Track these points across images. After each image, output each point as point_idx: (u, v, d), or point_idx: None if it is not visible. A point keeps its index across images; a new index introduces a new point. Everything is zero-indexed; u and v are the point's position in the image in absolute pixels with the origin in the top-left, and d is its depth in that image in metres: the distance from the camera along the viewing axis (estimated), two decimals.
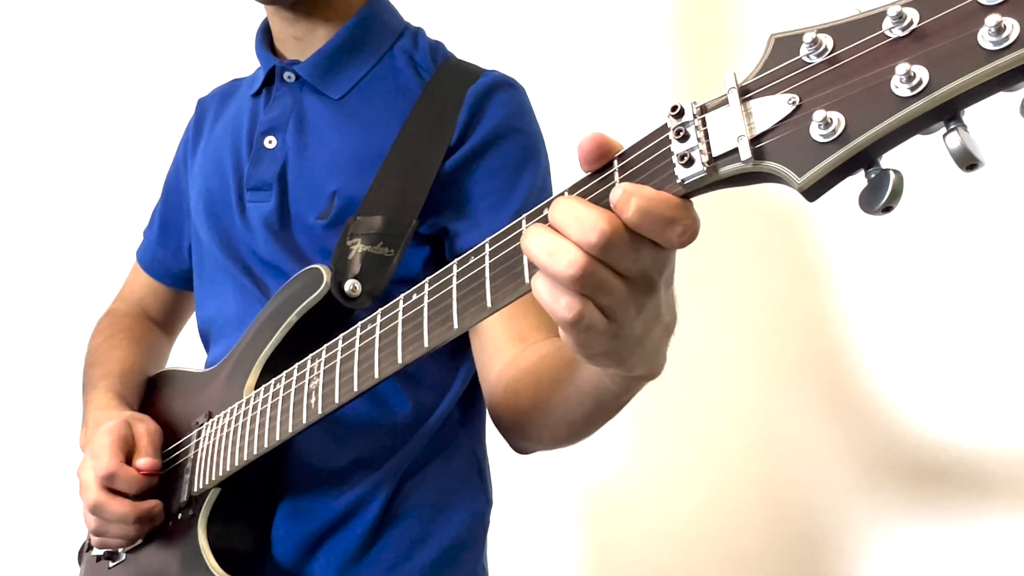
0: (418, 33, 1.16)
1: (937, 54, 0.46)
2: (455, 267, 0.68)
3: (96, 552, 1.09)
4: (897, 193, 0.48)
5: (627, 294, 0.57)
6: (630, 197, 0.53)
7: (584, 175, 0.60)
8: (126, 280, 1.36)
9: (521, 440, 0.94)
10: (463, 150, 1.01)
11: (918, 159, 0.56)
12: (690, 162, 0.53)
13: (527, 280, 0.61)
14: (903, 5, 0.48)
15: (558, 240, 0.55)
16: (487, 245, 0.65)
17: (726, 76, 0.53)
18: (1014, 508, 1.15)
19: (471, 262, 0.66)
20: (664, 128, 0.55)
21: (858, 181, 0.51)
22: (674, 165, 0.54)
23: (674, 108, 0.54)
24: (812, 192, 0.50)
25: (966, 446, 1.20)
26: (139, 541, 1.00)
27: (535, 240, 0.56)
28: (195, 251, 1.19)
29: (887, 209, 0.48)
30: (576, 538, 1.55)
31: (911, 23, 0.47)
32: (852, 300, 1.31)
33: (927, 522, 1.22)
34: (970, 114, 0.48)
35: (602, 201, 0.57)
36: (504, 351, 0.93)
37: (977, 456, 1.19)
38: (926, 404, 1.24)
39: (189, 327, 1.37)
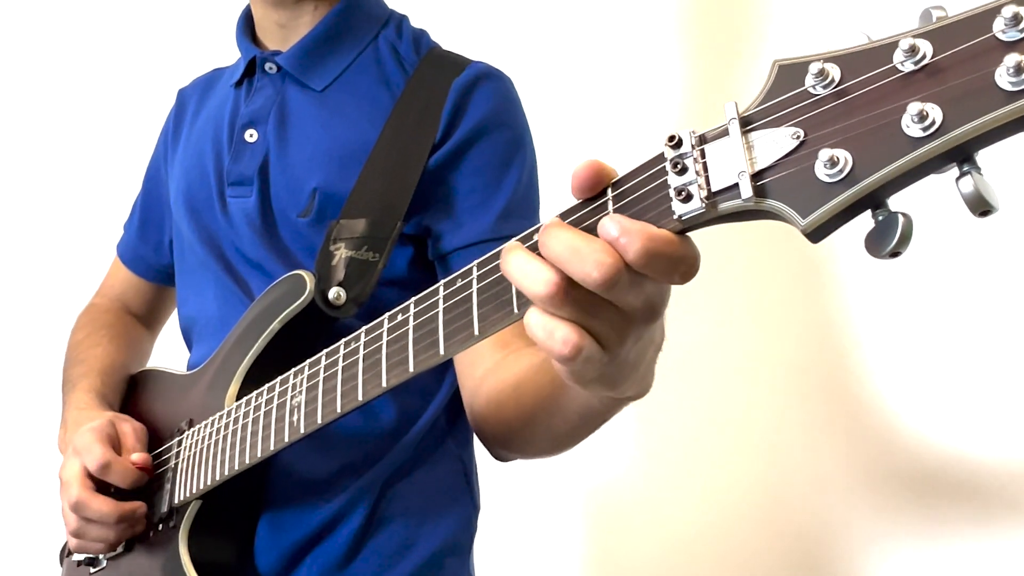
0: (402, 21, 1.13)
1: (951, 93, 0.43)
2: (441, 289, 0.65)
3: (77, 557, 1.07)
4: (906, 238, 0.45)
5: (627, 323, 0.54)
6: (635, 237, 0.50)
7: (576, 202, 0.57)
8: (106, 275, 1.33)
9: (501, 450, 0.93)
10: (448, 146, 0.99)
11: None
12: (688, 197, 0.50)
13: (515, 309, 0.59)
14: (915, 36, 0.45)
15: (535, 262, 0.53)
16: (475, 268, 0.63)
17: (727, 105, 0.50)
18: (1014, 512, 1.15)
19: (458, 285, 0.64)
20: (661, 158, 0.53)
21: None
22: (671, 199, 0.51)
23: (671, 138, 0.52)
24: (816, 234, 0.47)
25: (966, 450, 1.19)
26: (120, 548, 0.98)
27: (515, 263, 0.54)
28: (176, 246, 1.16)
29: (895, 254, 0.46)
30: (577, 541, 1.54)
31: (924, 57, 0.45)
32: (853, 304, 1.30)
33: (926, 525, 1.22)
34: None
35: (595, 231, 0.54)
36: (485, 357, 0.90)
37: (977, 460, 1.18)
38: (927, 408, 1.23)
39: (172, 323, 1.35)
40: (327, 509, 0.93)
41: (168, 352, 1.30)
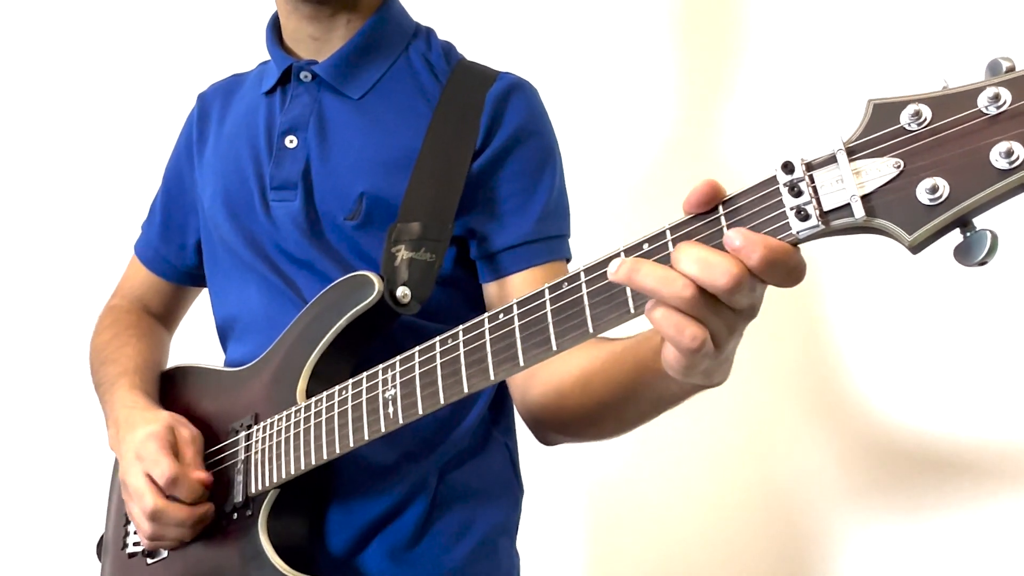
0: (430, 33, 1.19)
1: None
2: (547, 292, 0.73)
3: (131, 549, 1.11)
4: (994, 250, 0.56)
5: (736, 322, 0.64)
6: (756, 246, 0.59)
7: (686, 216, 0.66)
8: (124, 275, 1.35)
9: (556, 435, 1.00)
10: (488, 152, 1.06)
11: None
12: (805, 216, 0.60)
13: (632, 309, 0.67)
14: (998, 85, 0.56)
15: (669, 269, 0.62)
16: (583, 274, 0.71)
17: (832, 137, 0.60)
18: (1006, 505, 1.23)
19: (565, 288, 0.72)
20: (772, 181, 0.62)
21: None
22: (788, 217, 0.60)
23: (785, 165, 0.61)
24: (918, 248, 0.57)
25: (959, 445, 1.27)
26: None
27: (648, 272, 0.63)
28: (209, 249, 1.19)
29: (983, 263, 0.56)
30: (578, 539, 1.60)
31: (1005, 102, 0.55)
32: (850, 306, 1.37)
33: (921, 520, 1.29)
34: None
35: (711, 243, 0.64)
36: None
37: (970, 455, 1.26)
38: (919, 405, 1.30)
39: (186, 325, 1.38)
40: (393, 494, 1.00)
41: (182, 352, 1.34)
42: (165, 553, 1.07)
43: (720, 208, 0.64)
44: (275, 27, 1.18)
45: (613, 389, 0.85)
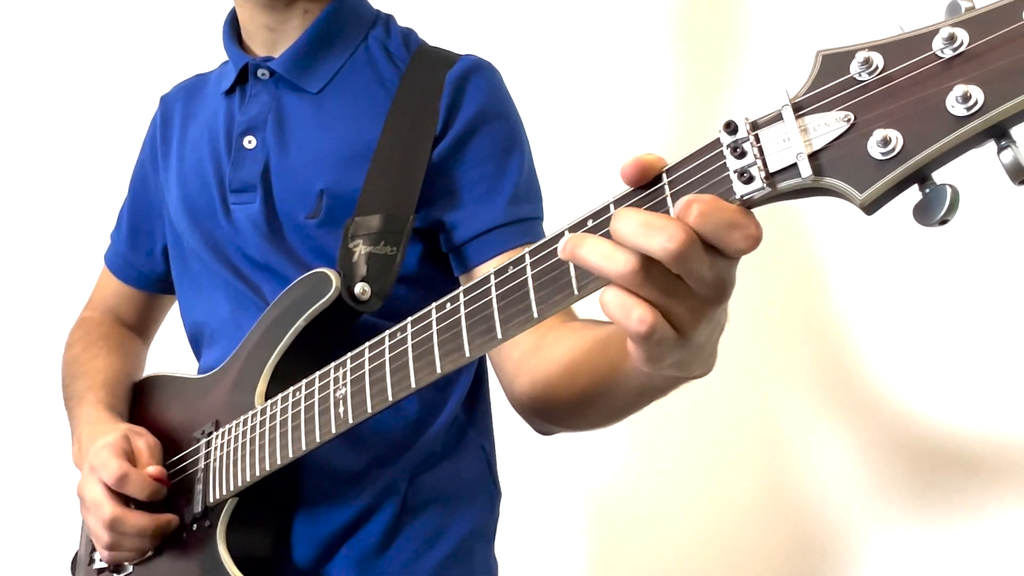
0: (389, 21, 1.15)
1: (991, 75, 0.49)
2: (492, 277, 0.69)
3: (98, 565, 1.08)
4: (955, 207, 0.50)
5: (700, 305, 0.58)
6: (691, 203, 0.54)
7: (629, 190, 0.61)
8: (95, 286, 1.32)
9: (550, 425, 0.93)
10: (449, 137, 1.01)
11: None
12: (749, 179, 0.55)
13: (576, 291, 0.63)
14: (953, 26, 0.50)
15: (612, 245, 0.56)
16: (527, 256, 0.66)
17: (778, 92, 0.55)
18: (1016, 507, 1.18)
19: (510, 272, 0.67)
20: (716, 144, 0.57)
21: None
22: (731, 181, 0.55)
23: (728, 125, 0.56)
24: (871, 208, 0.52)
25: (967, 446, 1.22)
26: (149, 553, 0.99)
27: (591, 248, 0.57)
28: (175, 255, 1.16)
29: (944, 222, 0.51)
30: (579, 540, 1.56)
31: (961, 44, 0.50)
32: (852, 301, 1.32)
33: (929, 523, 1.24)
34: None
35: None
36: (522, 340, 0.91)
37: (978, 456, 1.21)
38: (927, 404, 1.25)
39: (164, 333, 1.34)
40: (360, 500, 0.96)
41: (162, 360, 1.30)
42: (131, 568, 1.03)
43: (664, 177, 0.59)
44: (232, 24, 1.15)
45: (597, 379, 0.79)
